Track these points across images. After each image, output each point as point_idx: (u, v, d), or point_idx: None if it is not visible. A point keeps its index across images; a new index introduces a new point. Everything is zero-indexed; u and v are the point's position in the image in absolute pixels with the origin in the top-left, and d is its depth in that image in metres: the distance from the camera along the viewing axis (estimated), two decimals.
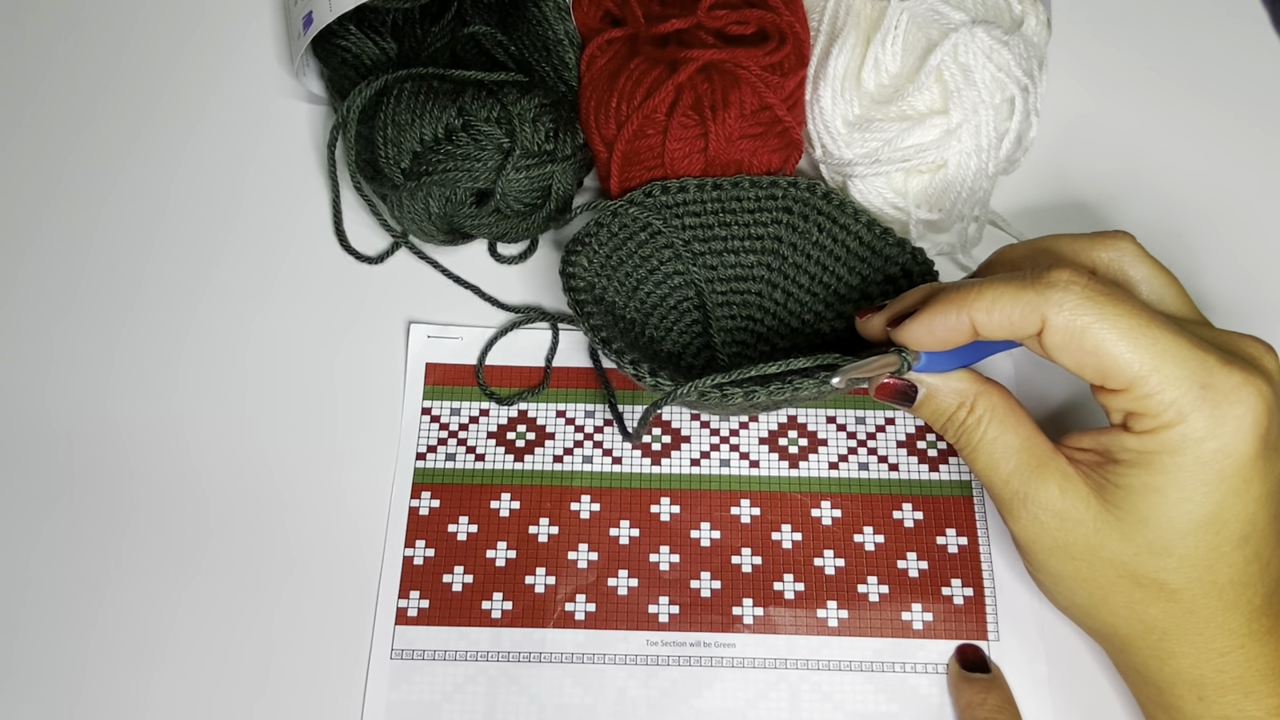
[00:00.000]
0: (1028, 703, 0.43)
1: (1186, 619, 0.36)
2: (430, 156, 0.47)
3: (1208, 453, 0.34)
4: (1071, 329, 0.34)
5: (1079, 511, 0.36)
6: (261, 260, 0.52)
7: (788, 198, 0.49)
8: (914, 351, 0.38)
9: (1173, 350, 0.33)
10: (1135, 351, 0.33)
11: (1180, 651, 0.36)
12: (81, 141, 0.55)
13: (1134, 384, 0.34)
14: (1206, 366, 0.33)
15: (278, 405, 0.49)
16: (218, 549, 0.46)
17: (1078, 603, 0.38)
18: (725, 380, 0.38)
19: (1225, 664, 0.36)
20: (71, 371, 0.49)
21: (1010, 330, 0.35)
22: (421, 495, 0.47)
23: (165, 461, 0.48)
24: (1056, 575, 0.38)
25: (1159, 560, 0.35)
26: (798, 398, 0.39)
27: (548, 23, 0.51)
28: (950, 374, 0.39)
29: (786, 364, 0.38)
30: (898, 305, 0.40)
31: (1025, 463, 0.37)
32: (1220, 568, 0.35)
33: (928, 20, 0.48)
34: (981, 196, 0.49)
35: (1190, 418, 0.33)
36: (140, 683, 0.44)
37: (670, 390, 0.39)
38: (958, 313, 0.36)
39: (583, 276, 0.45)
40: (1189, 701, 0.37)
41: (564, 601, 0.45)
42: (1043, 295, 0.34)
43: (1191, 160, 0.55)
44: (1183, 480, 0.34)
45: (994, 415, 0.38)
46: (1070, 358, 0.35)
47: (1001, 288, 0.35)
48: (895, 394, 0.39)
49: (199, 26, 0.58)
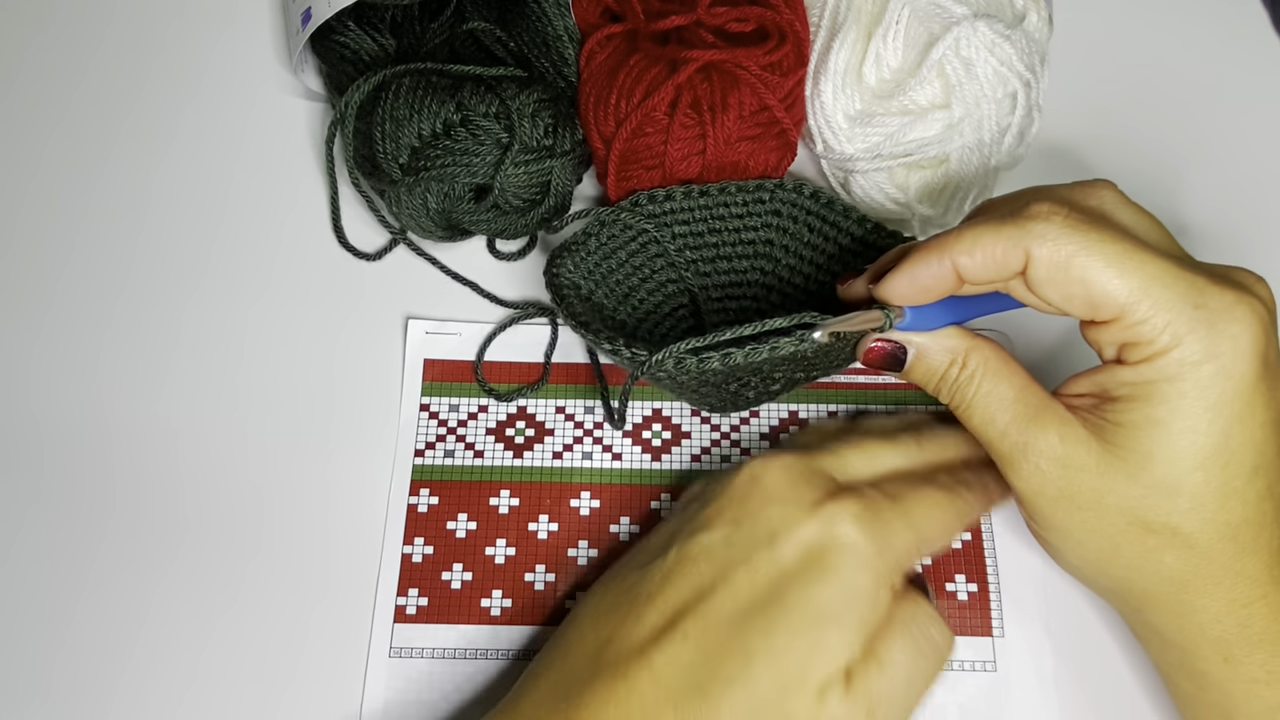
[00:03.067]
0: (1034, 699, 0.43)
1: (1203, 566, 0.34)
2: (428, 152, 0.46)
3: (1207, 375, 0.33)
4: (1056, 260, 0.33)
5: (1081, 456, 0.35)
6: (259, 256, 0.52)
7: (775, 200, 0.48)
8: (898, 307, 0.37)
9: (1161, 273, 0.33)
10: (1123, 277, 0.32)
11: (1200, 605, 0.35)
12: (76, 137, 0.54)
13: (1125, 311, 0.33)
14: (1197, 287, 0.33)
15: (275, 402, 0.48)
16: (214, 546, 0.46)
17: (1088, 558, 0.37)
18: (701, 344, 0.38)
19: (1249, 616, 0.35)
20: (66, 368, 0.49)
21: (994, 270, 0.34)
22: (420, 492, 0.47)
23: (160, 458, 0.47)
24: (1064, 529, 0.37)
25: (1169, 501, 0.34)
26: (777, 357, 0.38)
27: (547, 18, 0.51)
28: (939, 332, 0.38)
29: (763, 324, 0.37)
30: (878, 265, 0.39)
31: (1022, 413, 0.36)
32: (1233, 505, 0.34)
33: (929, 14, 0.48)
34: (984, 192, 0.49)
35: (1185, 340, 0.32)
36: (138, 681, 0.43)
37: (645, 359, 0.38)
38: (939, 258, 0.35)
39: (567, 279, 0.45)
40: (1214, 664, 0.36)
41: (564, 599, 0.45)
42: (1024, 229, 0.33)
43: (1192, 159, 0.55)
44: (1184, 408, 0.33)
45: (987, 368, 0.37)
46: (1057, 290, 0.34)
47: (982, 227, 0.34)
48: (884, 358, 0.39)
49: (196, 22, 0.58)
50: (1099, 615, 0.44)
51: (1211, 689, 0.36)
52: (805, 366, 0.41)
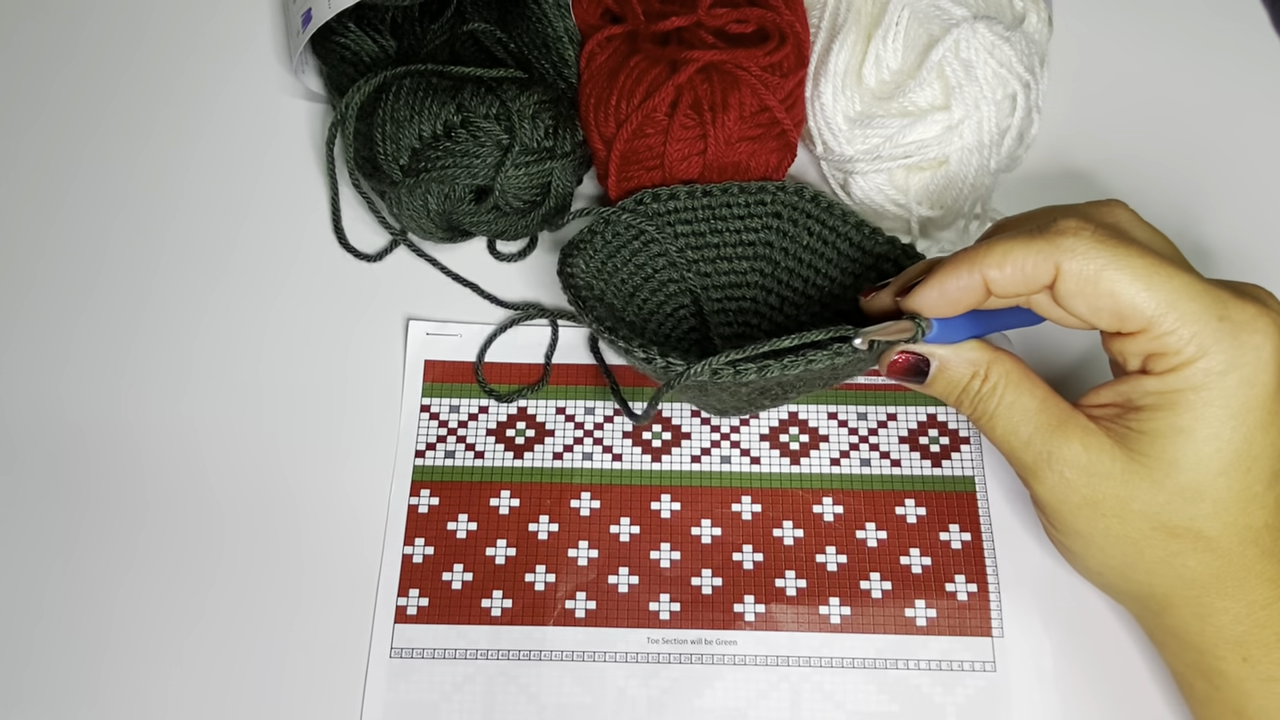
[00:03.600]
0: (1033, 699, 0.43)
1: (1225, 569, 0.36)
2: (429, 153, 0.46)
3: (1231, 385, 0.34)
4: (1085, 274, 0.34)
5: (1105, 464, 0.36)
6: (260, 258, 0.52)
7: (776, 203, 0.48)
8: (927, 319, 0.37)
9: (1186, 287, 0.34)
10: (1150, 290, 0.33)
11: (1221, 607, 0.36)
12: (79, 141, 0.55)
13: (1152, 323, 0.34)
14: (1221, 300, 0.34)
15: (276, 403, 0.49)
16: (215, 547, 0.46)
17: (1111, 564, 0.38)
18: (739, 357, 0.38)
19: (1268, 617, 0.36)
20: (66, 368, 0.49)
21: (1024, 283, 0.35)
22: (421, 493, 0.47)
23: (162, 459, 0.47)
24: (1087, 536, 0.37)
25: (1192, 506, 0.35)
26: (811, 373, 0.38)
27: (547, 19, 0.51)
28: (961, 345, 0.38)
29: (800, 337, 0.38)
30: (904, 277, 0.39)
31: (1045, 423, 0.37)
32: (1254, 510, 0.35)
33: (929, 16, 0.48)
34: (983, 193, 0.49)
35: (1211, 351, 0.33)
36: (138, 680, 0.43)
37: (683, 369, 0.38)
38: (969, 270, 0.36)
39: (581, 277, 0.45)
40: (1232, 663, 0.37)
41: (564, 599, 0.45)
42: (1054, 243, 0.34)
43: (1193, 160, 0.55)
44: (1209, 416, 0.34)
45: (1009, 380, 0.38)
46: (1085, 304, 0.35)
47: (1012, 241, 0.35)
48: (908, 369, 0.39)
49: (197, 24, 0.58)
50: (1098, 615, 0.44)
51: (1228, 687, 0.37)
52: (829, 377, 0.42)
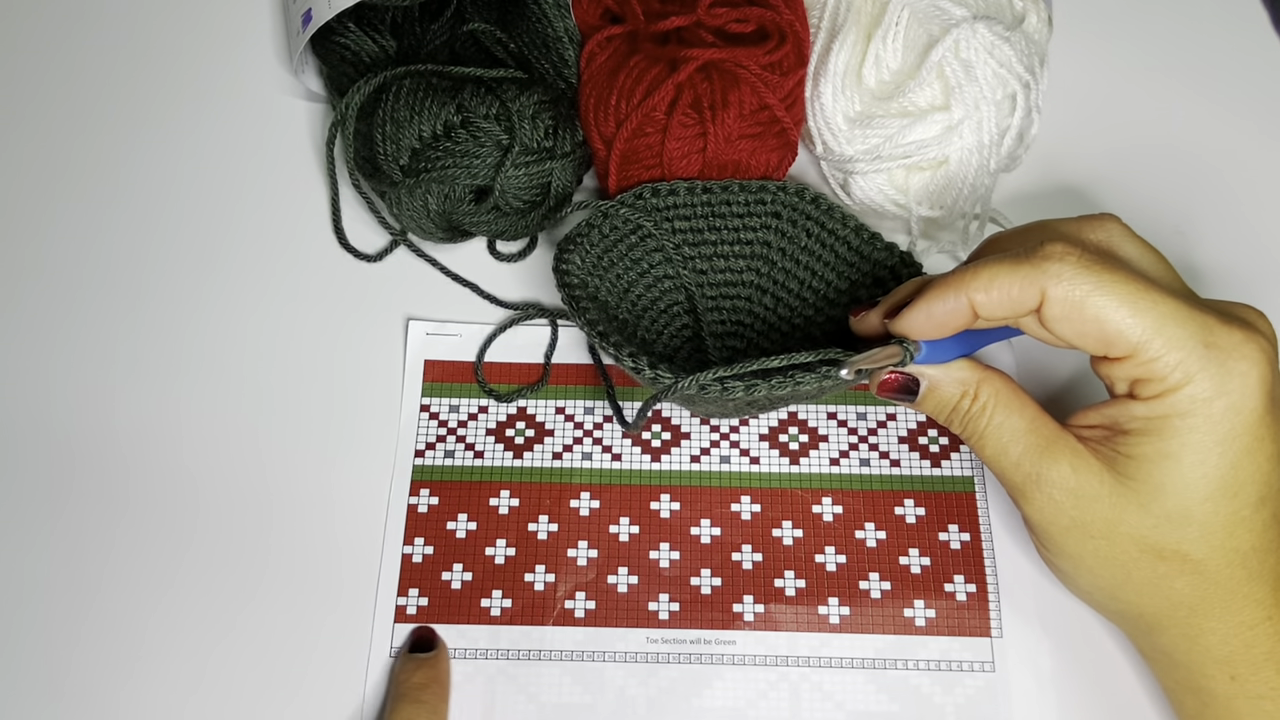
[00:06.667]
0: (1031, 699, 0.43)
1: (1212, 591, 0.36)
2: (429, 153, 0.46)
3: (1218, 411, 0.34)
4: (1071, 299, 0.34)
5: (1094, 487, 0.36)
6: (260, 258, 0.52)
7: (776, 202, 0.48)
8: (915, 341, 0.37)
9: (1172, 313, 0.33)
10: (1136, 316, 0.33)
11: (1209, 628, 0.36)
12: (79, 139, 0.55)
13: (1138, 349, 0.34)
14: (1207, 326, 0.34)
15: (276, 403, 0.49)
16: (215, 546, 0.46)
17: (1100, 585, 0.38)
18: (727, 374, 0.38)
19: (1255, 637, 0.36)
20: (69, 368, 0.49)
21: (1009, 308, 0.35)
22: (420, 492, 0.47)
23: (162, 458, 0.47)
24: (1076, 557, 0.38)
25: (1180, 530, 0.35)
26: (799, 393, 0.39)
27: (547, 20, 0.51)
28: (951, 364, 0.38)
29: (789, 358, 0.38)
30: (892, 299, 0.39)
31: (1034, 444, 0.37)
32: (1241, 533, 0.35)
33: (929, 16, 0.48)
34: (983, 194, 0.49)
35: (1197, 378, 0.33)
36: (138, 680, 0.43)
37: (671, 383, 0.38)
38: (955, 294, 0.35)
39: (576, 274, 0.45)
40: (1220, 681, 0.37)
41: (563, 599, 0.45)
42: (1039, 268, 0.34)
43: (1192, 160, 0.55)
44: (1195, 442, 0.34)
45: (998, 400, 0.38)
46: (1071, 329, 0.34)
47: (998, 266, 0.35)
48: (898, 389, 0.39)
49: (197, 24, 0.58)
50: (1096, 616, 0.44)
51: (1216, 705, 0.37)
52: (816, 395, 0.42)
